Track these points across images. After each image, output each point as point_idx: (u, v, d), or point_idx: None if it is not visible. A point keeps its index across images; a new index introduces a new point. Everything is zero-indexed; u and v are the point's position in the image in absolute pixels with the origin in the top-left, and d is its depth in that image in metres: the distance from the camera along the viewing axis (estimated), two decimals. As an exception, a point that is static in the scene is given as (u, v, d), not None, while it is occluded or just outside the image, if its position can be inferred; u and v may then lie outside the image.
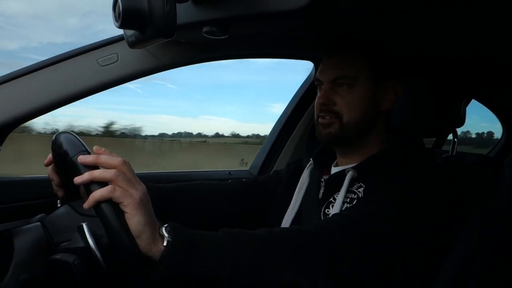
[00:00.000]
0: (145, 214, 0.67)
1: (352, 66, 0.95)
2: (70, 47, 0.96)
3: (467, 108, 1.26)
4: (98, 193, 0.65)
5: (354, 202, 0.91)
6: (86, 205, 0.66)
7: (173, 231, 0.68)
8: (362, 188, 0.92)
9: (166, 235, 0.67)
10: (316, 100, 1.00)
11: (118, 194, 0.65)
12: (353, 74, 0.95)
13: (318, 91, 1.01)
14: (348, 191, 0.93)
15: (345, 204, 0.92)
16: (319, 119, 0.99)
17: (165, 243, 0.67)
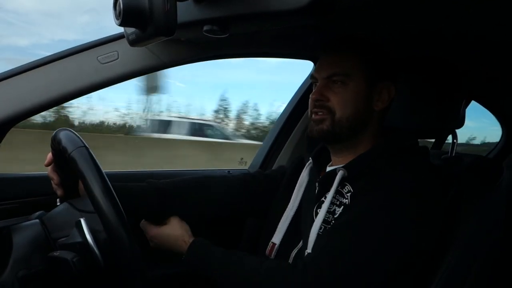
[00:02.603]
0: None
1: (347, 64, 0.96)
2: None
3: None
4: None
5: (341, 209, 0.92)
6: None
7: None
8: (350, 194, 0.93)
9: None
10: (310, 96, 1.00)
11: None
12: (348, 72, 0.95)
13: (313, 88, 1.01)
14: (339, 192, 0.94)
15: (334, 206, 0.93)
16: (312, 115, 0.99)
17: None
